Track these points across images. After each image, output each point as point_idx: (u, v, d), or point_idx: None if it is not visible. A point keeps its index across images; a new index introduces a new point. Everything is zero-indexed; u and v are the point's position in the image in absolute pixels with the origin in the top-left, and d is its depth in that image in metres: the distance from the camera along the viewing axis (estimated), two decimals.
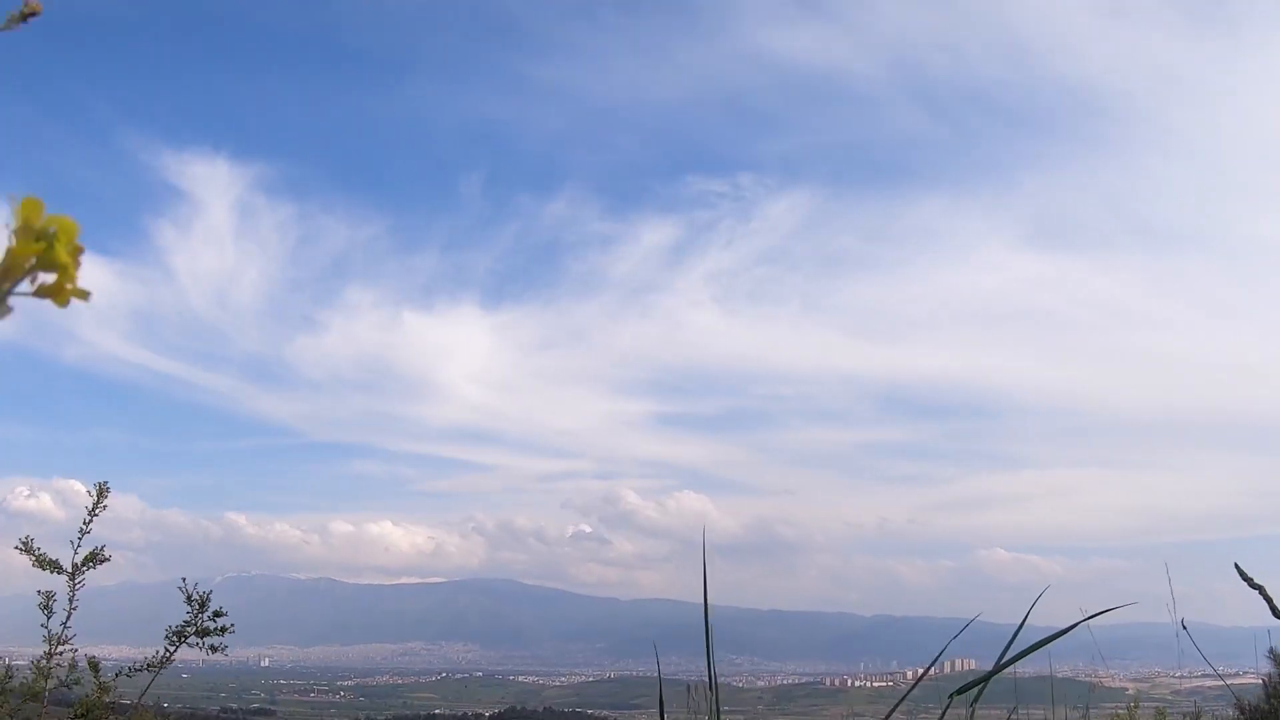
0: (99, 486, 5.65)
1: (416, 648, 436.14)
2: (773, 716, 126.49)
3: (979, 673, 1.80)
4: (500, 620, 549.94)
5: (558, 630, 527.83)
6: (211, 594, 5.83)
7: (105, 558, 5.60)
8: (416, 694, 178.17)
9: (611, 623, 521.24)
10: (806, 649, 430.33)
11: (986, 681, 1.44)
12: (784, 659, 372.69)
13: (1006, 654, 1.42)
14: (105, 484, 5.69)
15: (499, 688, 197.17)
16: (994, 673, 1.43)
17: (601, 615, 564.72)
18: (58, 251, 0.89)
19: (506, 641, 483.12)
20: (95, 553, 5.57)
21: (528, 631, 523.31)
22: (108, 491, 5.68)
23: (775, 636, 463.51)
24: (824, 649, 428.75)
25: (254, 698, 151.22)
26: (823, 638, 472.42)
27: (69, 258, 0.90)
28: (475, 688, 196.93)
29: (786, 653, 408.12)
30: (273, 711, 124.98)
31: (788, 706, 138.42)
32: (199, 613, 5.76)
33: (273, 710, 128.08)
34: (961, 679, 1.79)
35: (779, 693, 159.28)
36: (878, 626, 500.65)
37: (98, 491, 5.64)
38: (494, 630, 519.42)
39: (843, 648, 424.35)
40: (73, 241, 0.90)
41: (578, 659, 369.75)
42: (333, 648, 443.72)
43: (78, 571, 5.51)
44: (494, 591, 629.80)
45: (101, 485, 5.68)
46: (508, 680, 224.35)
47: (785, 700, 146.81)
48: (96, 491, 5.64)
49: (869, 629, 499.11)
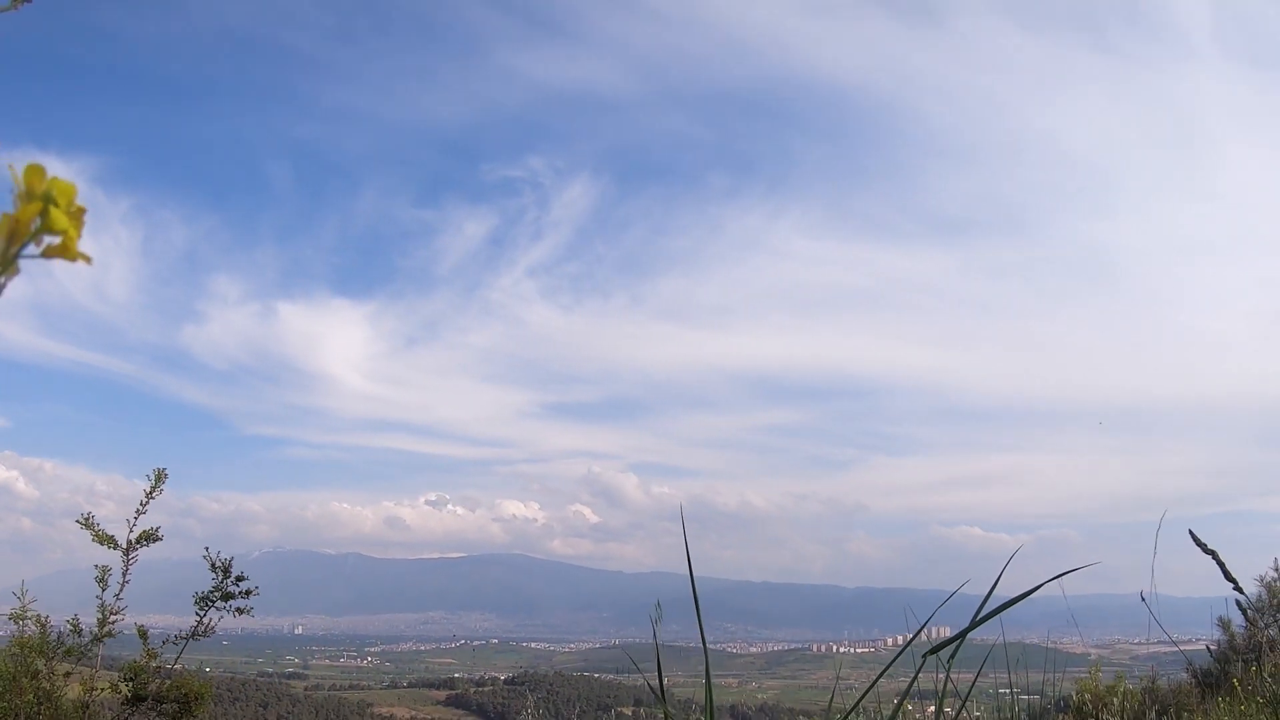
0: (157, 473, 5.68)
1: (437, 617, 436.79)
2: (764, 679, 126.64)
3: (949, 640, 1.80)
4: (514, 592, 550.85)
5: (567, 601, 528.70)
6: (233, 560, 5.84)
7: (158, 537, 5.61)
8: (437, 659, 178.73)
9: (616, 594, 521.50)
10: (796, 618, 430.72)
11: (960, 640, 1.44)
12: (775, 627, 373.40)
13: (979, 615, 1.41)
14: (163, 470, 5.71)
15: (512, 653, 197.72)
16: (966, 632, 1.42)
17: (606, 587, 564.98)
18: (56, 216, 0.89)
19: (520, 611, 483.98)
20: (148, 532, 5.58)
21: (539, 602, 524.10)
22: (165, 477, 5.70)
23: (766, 607, 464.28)
24: (811, 618, 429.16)
25: (288, 663, 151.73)
26: (810, 608, 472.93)
27: (70, 221, 0.90)
28: (491, 653, 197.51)
29: (777, 621, 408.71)
30: (305, 675, 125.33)
31: (777, 670, 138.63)
32: (223, 579, 5.77)
33: (305, 674, 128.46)
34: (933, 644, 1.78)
35: (770, 658, 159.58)
36: (860, 597, 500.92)
37: (155, 477, 5.67)
38: (508, 601, 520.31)
39: (828, 617, 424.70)
40: (72, 203, 0.90)
41: (585, 627, 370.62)
42: (360, 617, 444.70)
43: (131, 549, 5.52)
44: (508, 565, 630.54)
45: (159, 471, 5.70)
46: (521, 647, 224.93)
47: (775, 665, 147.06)
48: (155, 477, 5.67)
49: (852, 599, 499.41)
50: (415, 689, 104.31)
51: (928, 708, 2.90)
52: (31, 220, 0.88)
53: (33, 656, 5.26)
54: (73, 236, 0.90)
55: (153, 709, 5.51)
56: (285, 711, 75.74)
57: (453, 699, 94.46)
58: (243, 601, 5.77)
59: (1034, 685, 3.43)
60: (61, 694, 5.20)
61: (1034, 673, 3.31)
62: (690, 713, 5.63)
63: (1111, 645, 70.22)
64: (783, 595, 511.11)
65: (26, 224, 0.89)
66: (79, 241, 0.90)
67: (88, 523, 5.58)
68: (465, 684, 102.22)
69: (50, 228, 0.89)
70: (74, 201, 0.90)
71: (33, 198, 0.88)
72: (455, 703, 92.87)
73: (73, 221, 0.89)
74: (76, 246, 0.90)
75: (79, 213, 0.90)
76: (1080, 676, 10.98)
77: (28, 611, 5.42)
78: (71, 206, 0.89)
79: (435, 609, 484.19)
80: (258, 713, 71.59)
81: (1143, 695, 10.15)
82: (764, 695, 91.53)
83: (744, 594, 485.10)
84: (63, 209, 0.89)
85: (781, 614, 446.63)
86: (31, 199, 0.88)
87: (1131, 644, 73.02)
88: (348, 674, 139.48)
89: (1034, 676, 3.26)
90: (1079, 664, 12.30)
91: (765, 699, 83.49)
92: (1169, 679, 13.01)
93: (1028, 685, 3.27)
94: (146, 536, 5.56)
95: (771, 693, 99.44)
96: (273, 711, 74.21)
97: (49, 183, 0.89)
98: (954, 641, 1.37)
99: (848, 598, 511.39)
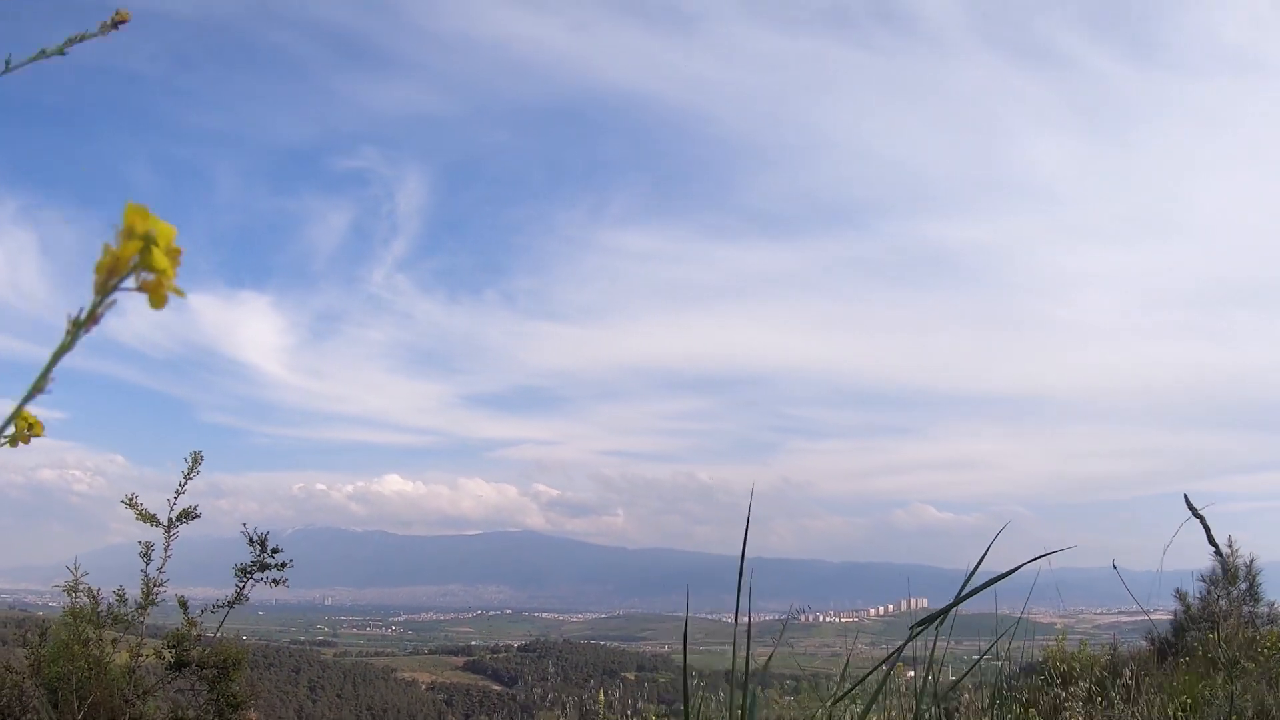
0: (194, 455, 5.69)
1: (455, 589, 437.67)
2: (755, 646, 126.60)
3: (929, 610, 1.79)
4: (526, 565, 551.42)
5: (573, 574, 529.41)
6: (269, 534, 5.84)
7: (196, 515, 5.61)
8: (456, 628, 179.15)
9: (618, 568, 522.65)
10: (785, 591, 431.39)
11: (946, 612, 1.43)
12: (766, 599, 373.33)
13: (964, 590, 1.40)
14: (199, 453, 5.71)
15: (525, 623, 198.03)
16: (954, 605, 1.41)
17: (609, 562, 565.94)
18: (156, 255, 0.88)
19: (531, 584, 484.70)
20: (187, 510, 5.58)
21: (548, 575, 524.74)
22: (201, 459, 5.70)
23: (757, 580, 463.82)
24: (800, 590, 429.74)
25: (319, 631, 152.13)
26: (799, 581, 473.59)
27: (167, 260, 0.88)
28: (505, 623, 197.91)
29: (768, 594, 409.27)
30: (334, 643, 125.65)
31: (767, 638, 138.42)
32: (261, 551, 5.77)
33: (334, 642, 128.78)
34: (915, 615, 1.77)
35: (760, 627, 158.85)
36: (844, 571, 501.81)
37: (193, 459, 5.67)
38: (520, 574, 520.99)
39: (816, 589, 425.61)
40: (170, 244, 0.88)
41: (590, 598, 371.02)
42: (384, 589, 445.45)
43: (173, 525, 5.52)
44: (520, 541, 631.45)
45: (196, 454, 5.71)
46: (532, 616, 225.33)
47: (765, 633, 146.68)
48: (192, 459, 5.68)
49: (837, 573, 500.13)
50: (435, 656, 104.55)
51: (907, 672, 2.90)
52: (131, 258, 0.87)
53: (84, 626, 5.26)
54: (169, 274, 0.88)
55: (194, 674, 5.52)
56: (316, 676, 75.93)
57: (470, 665, 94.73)
58: (278, 573, 5.77)
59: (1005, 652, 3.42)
60: (110, 660, 5.21)
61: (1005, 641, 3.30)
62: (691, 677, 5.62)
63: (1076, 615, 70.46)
64: (772, 569, 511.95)
65: (126, 260, 0.88)
66: (173, 279, 0.89)
67: (131, 503, 5.58)
68: (481, 651, 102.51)
69: (149, 266, 0.88)
70: (172, 243, 0.88)
71: (133, 236, 0.87)
72: (472, 668, 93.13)
73: (170, 261, 0.88)
74: (170, 284, 0.89)
75: (176, 253, 0.88)
76: (1048, 644, 11.01)
77: (79, 584, 5.43)
78: (170, 248, 0.88)
79: (453, 582, 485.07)
80: (290, 677, 71.78)
81: (1106, 660, 10.15)
82: (756, 662, 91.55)
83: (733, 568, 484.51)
84: (162, 249, 0.88)
85: (771, 587, 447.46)
86: (132, 237, 0.87)
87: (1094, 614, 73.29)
88: (373, 642, 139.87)
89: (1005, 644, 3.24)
90: (1046, 633, 12.33)
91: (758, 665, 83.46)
92: (1129, 646, 13.02)
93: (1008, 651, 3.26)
94: (185, 514, 5.57)
95: (763, 658, 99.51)
96: (304, 676, 74.41)
97: (150, 223, 0.87)
98: (943, 614, 1.36)
99: (832, 572, 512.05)
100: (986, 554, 1.39)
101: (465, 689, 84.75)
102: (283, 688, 67.15)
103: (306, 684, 72.94)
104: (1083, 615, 65.11)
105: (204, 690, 5.50)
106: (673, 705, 8.26)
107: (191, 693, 5.51)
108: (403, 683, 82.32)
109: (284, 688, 67.47)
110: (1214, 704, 3.28)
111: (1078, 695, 4.66)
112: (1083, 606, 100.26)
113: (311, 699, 70.50)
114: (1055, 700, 4.01)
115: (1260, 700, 3.04)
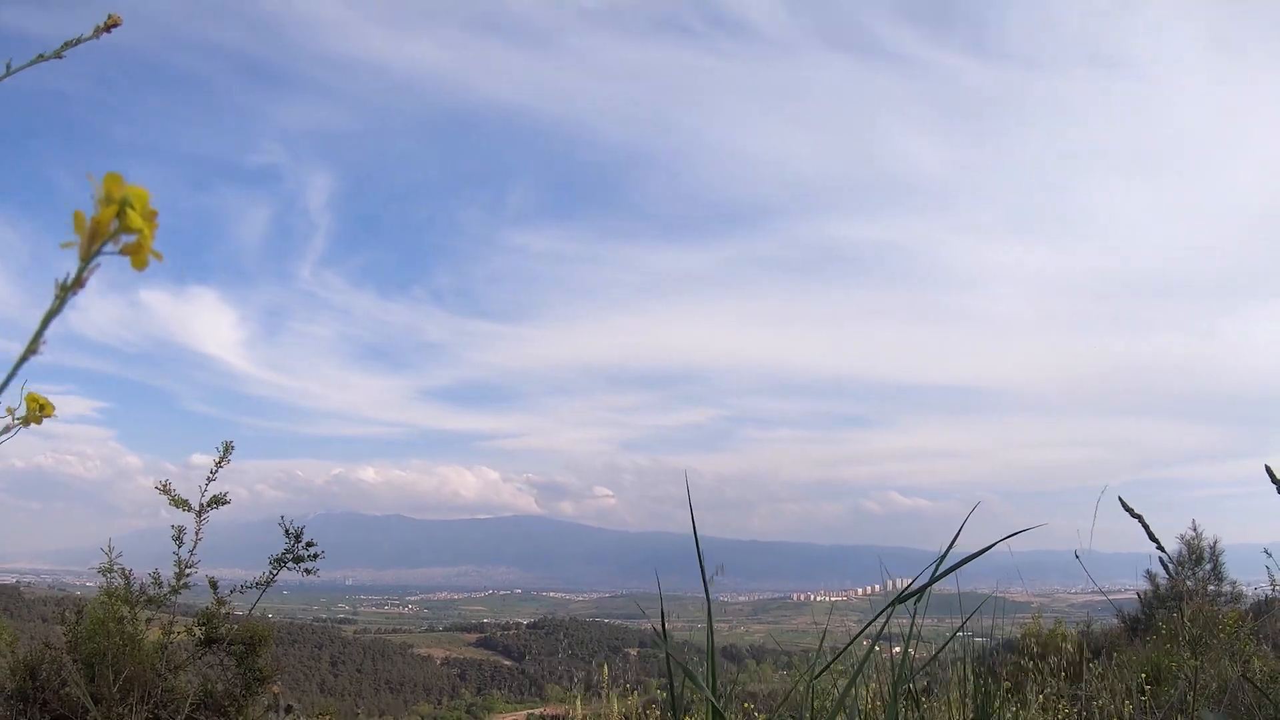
0: (225, 445, 5.69)
1: (468, 570, 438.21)
2: (751, 624, 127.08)
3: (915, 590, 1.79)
4: (533, 547, 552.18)
5: (579, 556, 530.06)
6: (304, 528, 5.84)
7: (226, 501, 5.60)
8: (469, 606, 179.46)
9: (622, 550, 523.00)
10: (778, 571, 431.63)
11: (925, 590, 1.44)
12: (760, 579, 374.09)
13: (938, 569, 1.41)
14: (230, 443, 5.71)
15: (534, 602, 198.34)
16: (931, 582, 1.42)
17: (613, 544, 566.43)
18: (132, 217, 0.88)
19: (539, 565, 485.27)
20: (218, 497, 5.58)
21: (555, 557, 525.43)
22: (232, 448, 5.70)
23: (753, 562, 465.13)
24: (792, 571, 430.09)
25: (340, 610, 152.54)
26: (793, 562, 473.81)
27: (144, 222, 0.89)
28: (515, 601, 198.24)
29: (763, 574, 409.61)
30: (355, 621, 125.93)
31: (762, 616, 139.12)
32: (295, 543, 5.77)
33: (355, 620, 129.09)
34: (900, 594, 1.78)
35: (756, 605, 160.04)
36: (835, 553, 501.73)
37: (224, 448, 5.67)
38: (528, 556, 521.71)
39: (808, 570, 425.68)
40: (146, 207, 0.89)
41: (595, 579, 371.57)
42: (402, 570, 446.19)
43: (204, 510, 5.52)
44: (526, 525, 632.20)
45: (227, 444, 5.71)
46: (541, 596, 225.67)
47: (761, 611, 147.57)
48: (223, 449, 5.67)
49: (828, 555, 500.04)
50: (450, 632, 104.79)
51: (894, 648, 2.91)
52: (110, 221, 0.87)
53: (119, 604, 5.28)
54: (146, 235, 0.89)
55: (223, 650, 5.53)
56: (337, 652, 76.14)
57: (482, 641, 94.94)
58: (311, 564, 5.77)
59: (985, 630, 3.43)
60: (144, 637, 5.22)
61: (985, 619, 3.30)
62: (688, 653, 5.62)
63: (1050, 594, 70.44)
64: (767, 551, 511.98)
65: (105, 224, 0.88)
66: (151, 241, 0.89)
67: (165, 489, 5.58)
68: (493, 628, 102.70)
69: (127, 227, 0.88)
70: (148, 205, 0.89)
71: (111, 201, 0.87)
72: (484, 644, 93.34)
73: (146, 222, 0.88)
74: (150, 245, 0.89)
75: (151, 215, 0.89)
76: (1024, 622, 11.02)
77: (114, 566, 5.43)
78: (145, 210, 0.89)
79: (466, 563, 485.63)
80: (314, 653, 71.98)
81: (1079, 637, 10.16)
82: (752, 638, 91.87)
83: (733, 550, 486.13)
84: (138, 211, 0.88)
85: (766, 567, 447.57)
86: (110, 202, 0.87)
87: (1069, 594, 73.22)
88: (391, 620, 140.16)
89: (985, 622, 3.25)
90: (1023, 611, 12.36)
91: (753, 641, 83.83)
92: (1101, 624, 13.04)
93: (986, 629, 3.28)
94: (216, 501, 5.57)
95: (758, 635, 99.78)
96: (326, 652, 74.62)
97: (125, 189, 0.88)
98: (921, 591, 1.36)
99: (823, 554, 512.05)
100: (959, 534, 1.39)
101: (478, 664, 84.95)
102: (306, 663, 67.35)
103: (328, 659, 73.15)
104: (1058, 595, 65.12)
105: (232, 665, 5.52)
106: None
107: (220, 667, 5.52)
108: (419, 658, 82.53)
109: (307, 663, 67.67)
110: (1180, 677, 3.29)
111: (1051, 668, 4.67)
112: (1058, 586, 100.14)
113: (333, 673, 70.70)
114: (1030, 670, 4.02)
115: (1222, 674, 3.05)
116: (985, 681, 2.33)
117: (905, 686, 1.75)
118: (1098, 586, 3.16)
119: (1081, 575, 2.66)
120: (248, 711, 5.42)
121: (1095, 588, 3.21)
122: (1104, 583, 3.34)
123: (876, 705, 2.45)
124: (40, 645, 5.29)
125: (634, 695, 6.42)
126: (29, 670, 5.05)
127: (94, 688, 4.95)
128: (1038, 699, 3.83)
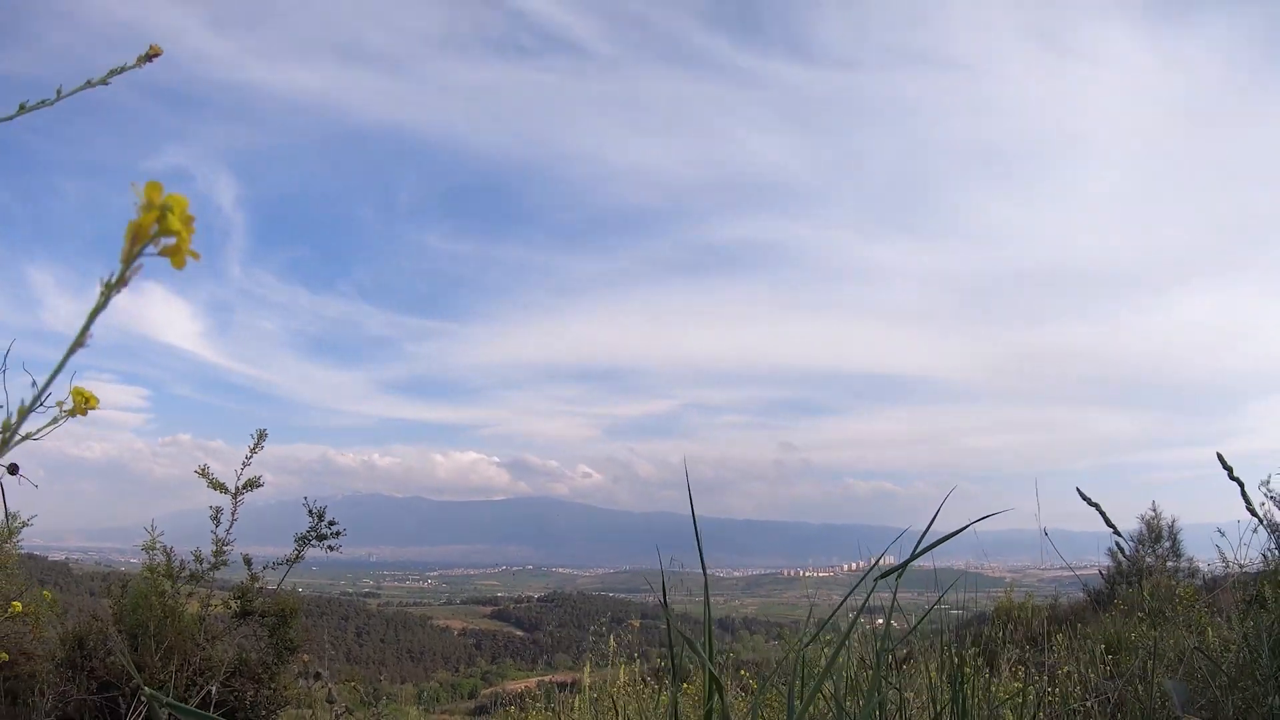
0: (259, 432, 5.71)
1: (483, 548, 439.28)
2: (745, 598, 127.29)
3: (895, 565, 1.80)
4: (545, 527, 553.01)
5: (585, 535, 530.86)
6: (327, 508, 5.86)
7: (260, 484, 5.62)
8: (484, 581, 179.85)
9: (626, 529, 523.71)
10: (770, 548, 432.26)
11: (905, 567, 1.45)
12: (753, 555, 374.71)
13: (918, 547, 1.42)
14: (264, 431, 5.73)
15: (544, 577, 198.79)
16: (911, 560, 1.43)
17: (617, 524, 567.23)
18: (171, 220, 0.89)
19: (549, 543, 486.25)
20: (251, 480, 5.60)
21: (564, 536, 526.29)
22: (265, 436, 5.72)
23: (747, 539, 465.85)
24: (783, 548, 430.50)
25: (365, 585, 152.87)
26: (786, 540, 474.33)
27: (182, 225, 0.90)
28: (527, 577, 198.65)
29: (756, 551, 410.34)
30: (378, 595, 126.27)
31: (755, 591, 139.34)
32: (318, 522, 5.79)
33: (379, 594, 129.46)
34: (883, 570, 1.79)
35: (749, 580, 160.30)
36: (824, 531, 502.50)
37: (258, 436, 5.69)
38: (539, 534, 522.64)
39: (798, 547, 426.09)
40: (184, 212, 0.90)
41: (600, 556, 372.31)
42: (422, 547, 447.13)
43: (239, 493, 5.54)
44: (537, 506, 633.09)
45: (261, 431, 5.72)
46: (550, 571, 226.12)
47: (754, 586, 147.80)
48: (257, 436, 5.70)
49: (817, 533, 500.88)
50: (466, 605, 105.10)
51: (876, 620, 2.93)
52: (151, 225, 0.88)
53: (160, 579, 5.31)
54: (185, 237, 0.89)
55: (257, 621, 5.57)
56: (362, 624, 76.40)
57: (496, 613, 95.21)
58: (334, 541, 5.79)
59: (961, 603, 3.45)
60: (183, 609, 5.25)
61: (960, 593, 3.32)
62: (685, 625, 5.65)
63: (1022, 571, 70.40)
64: (760, 530, 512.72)
65: (147, 228, 0.88)
66: (189, 243, 0.90)
67: (204, 472, 5.60)
68: (506, 601, 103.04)
69: (167, 230, 0.89)
70: (185, 210, 0.89)
71: (152, 207, 0.88)
72: (498, 616, 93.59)
73: (184, 226, 0.89)
74: (188, 246, 0.90)
75: (189, 220, 0.90)
76: (997, 596, 11.04)
77: (156, 544, 5.46)
78: (183, 214, 0.89)
79: (481, 541, 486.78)
80: (340, 624, 72.21)
81: (1048, 610, 10.19)
82: (745, 611, 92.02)
83: (729, 529, 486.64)
84: (177, 215, 0.89)
85: (759, 545, 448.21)
86: (151, 208, 0.88)
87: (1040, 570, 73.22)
88: (412, 594, 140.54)
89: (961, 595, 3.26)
90: (996, 585, 12.38)
91: (747, 614, 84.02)
92: (1069, 598, 13.06)
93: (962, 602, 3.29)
94: (250, 484, 5.59)
95: (751, 608, 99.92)
96: (352, 624, 74.86)
97: (165, 196, 0.89)
98: (902, 568, 1.37)
99: (814, 532, 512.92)
100: (937, 515, 1.40)
101: (492, 634, 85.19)
102: (333, 634, 67.54)
103: (354, 630, 73.38)
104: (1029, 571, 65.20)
105: (265, 636, 5.55)
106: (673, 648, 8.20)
107: (254, 638, 5.55)
108: (438, 629, 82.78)
109: (334, 634, 67.87)
110: (1140, 647, 3.30)
111: (1021, 638, 4.69)
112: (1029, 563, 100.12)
113: (359, 643, 70.92)
114: (1001, 640, 4.05)
115: (1179, 644, 3.06)
116: (960, 650, 2.35)
117: (888, 655, 1.76)
118: (1066, 563, 3.18)
119: (1053, 553, 2.67)
120: (280, 678, 5.46)
121: (1064, 564, 3.22)
122: (1073, 560, 3.35)
123: (861, 672, 2.46)
124: (88, 617, 5.32)
125: (639, 662, 6.45)
126: (77, 640, 5.08)
127: (137, 656, 4.98)
128: (1008, 667, 3.85)
